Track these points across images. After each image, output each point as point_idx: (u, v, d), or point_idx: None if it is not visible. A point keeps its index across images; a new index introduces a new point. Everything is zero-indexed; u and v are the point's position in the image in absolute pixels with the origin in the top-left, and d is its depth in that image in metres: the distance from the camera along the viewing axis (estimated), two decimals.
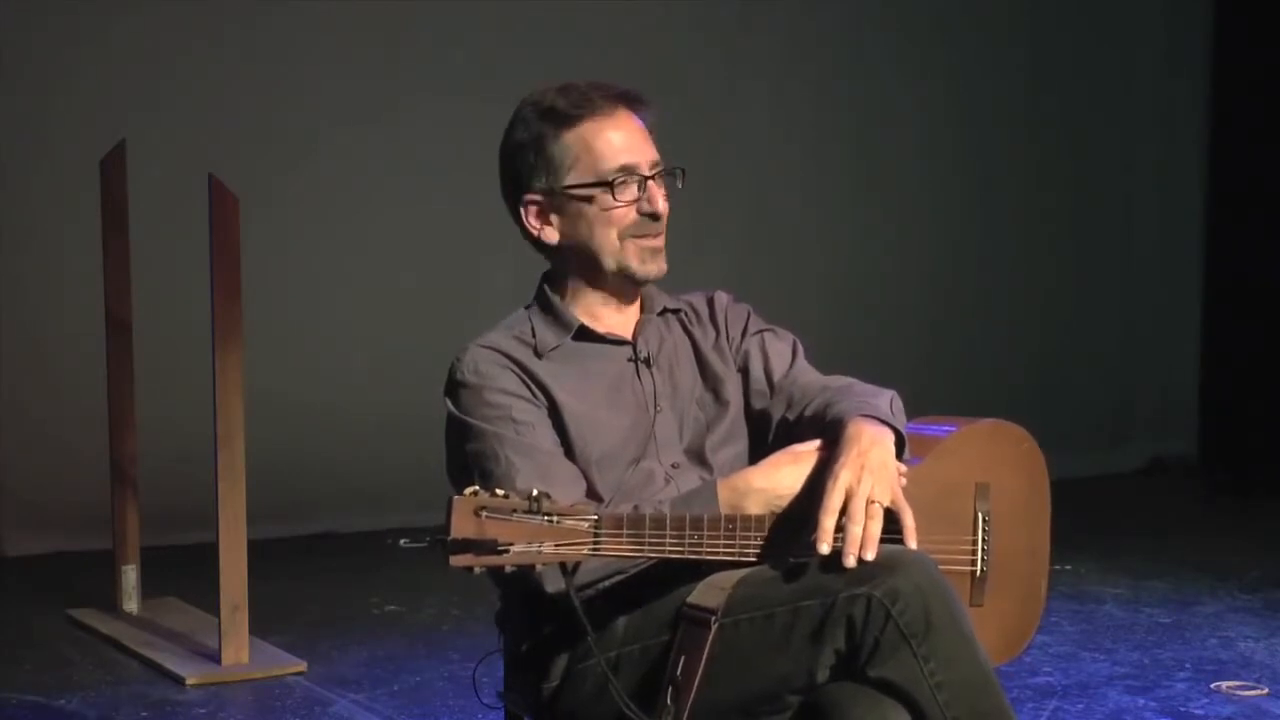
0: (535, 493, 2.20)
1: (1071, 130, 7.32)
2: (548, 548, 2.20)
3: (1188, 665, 4.36)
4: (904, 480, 2.39)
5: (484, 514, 2.17)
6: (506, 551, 2.17)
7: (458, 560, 2.17)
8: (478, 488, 2.20)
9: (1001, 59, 7.15)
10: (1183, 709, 3.99)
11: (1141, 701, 4.05)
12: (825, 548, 2.30)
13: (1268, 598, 5.04)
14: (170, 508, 5.35)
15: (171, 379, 5.45)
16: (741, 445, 2.62)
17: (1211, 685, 4.16)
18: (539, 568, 2.27)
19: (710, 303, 2.73)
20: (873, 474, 2.34)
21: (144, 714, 4.03)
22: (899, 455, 2.43)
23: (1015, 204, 7.24)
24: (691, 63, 6.51)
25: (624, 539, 2.27)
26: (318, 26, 6.01)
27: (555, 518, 2.21)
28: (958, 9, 7.05)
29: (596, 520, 2.24)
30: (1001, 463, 2.61)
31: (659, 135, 2.59)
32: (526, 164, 2.56)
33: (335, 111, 6.01)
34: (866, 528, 2.29)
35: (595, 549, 2.24)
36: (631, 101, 2.57)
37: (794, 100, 6.77)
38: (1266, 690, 4.11)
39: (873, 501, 2.31)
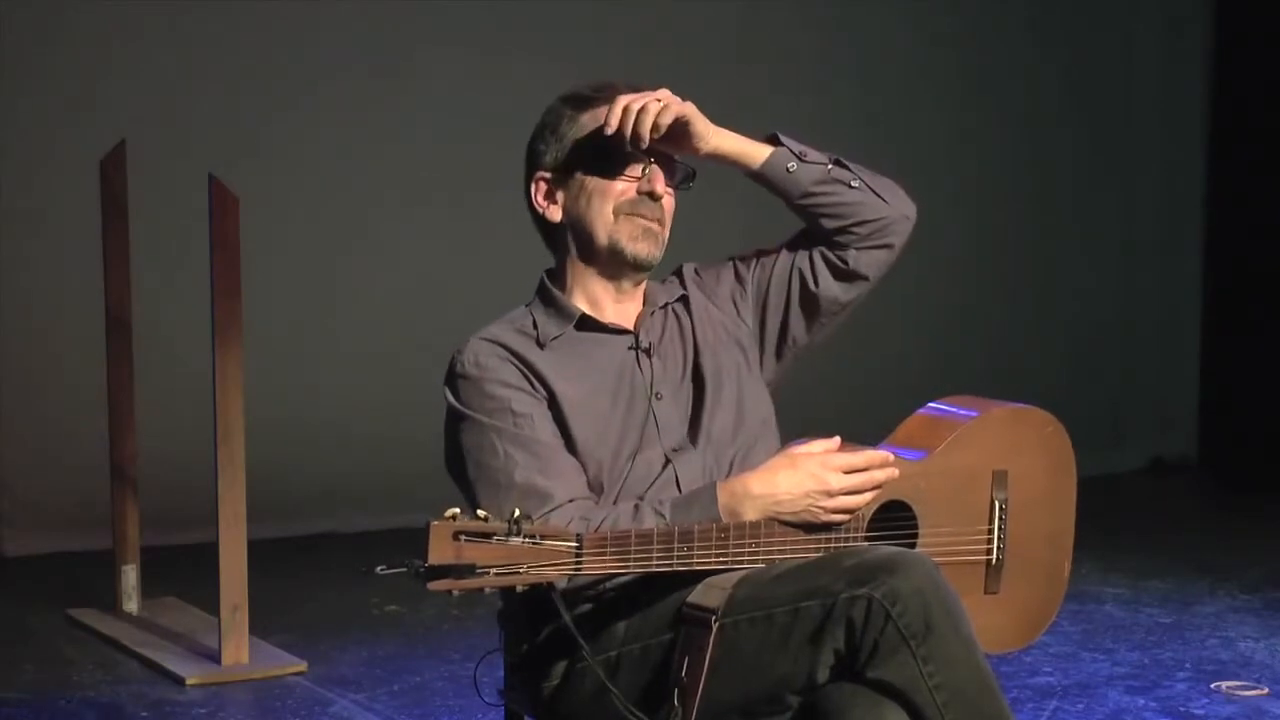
0: (515, 514, 2.19)
1: (1071, 130, 7.31)
2: (528, 569, 2.19)
3: (1188, 665, 4.36)
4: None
5: (462, 538, 2.15)
6: (486, 574, 2.16)
7: (435, 585, 2.16)
8: (457, 510, 2.18)
9: (998, 60, 7.14)
10: (1183, 709, 3.99)
11: (1141, 701, 4.05)
12: (612, 125, 2.51)
13: (1268, 598, 5.03)
14: (170, 508, 5.34)
15: (171, 379, 5.45)
16: (733, 412, 2.62)
17: (1211, 685, 4.16)
18: None
19: (680, 281, 2.75)
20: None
21: (144, 714, 4.03)
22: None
23: (1015, 204, 7.23)
24: (694, 44, 6.48)
25: (608, 557, 2.26)
26: (319, 26, 6.00)
27: (536, 539, 2.19)
28: (957, 9, 7.04)
29: (578, 541, 2.22)
30: (1023, 449, 2.61)
31: None
32: (543, 142, 2.63)
33: (335, 112, 6.00)
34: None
35: (577, 569, 2.23)
36: None
37: (794, 104, 6.76)
38: (1266, 690, 4.11)
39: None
